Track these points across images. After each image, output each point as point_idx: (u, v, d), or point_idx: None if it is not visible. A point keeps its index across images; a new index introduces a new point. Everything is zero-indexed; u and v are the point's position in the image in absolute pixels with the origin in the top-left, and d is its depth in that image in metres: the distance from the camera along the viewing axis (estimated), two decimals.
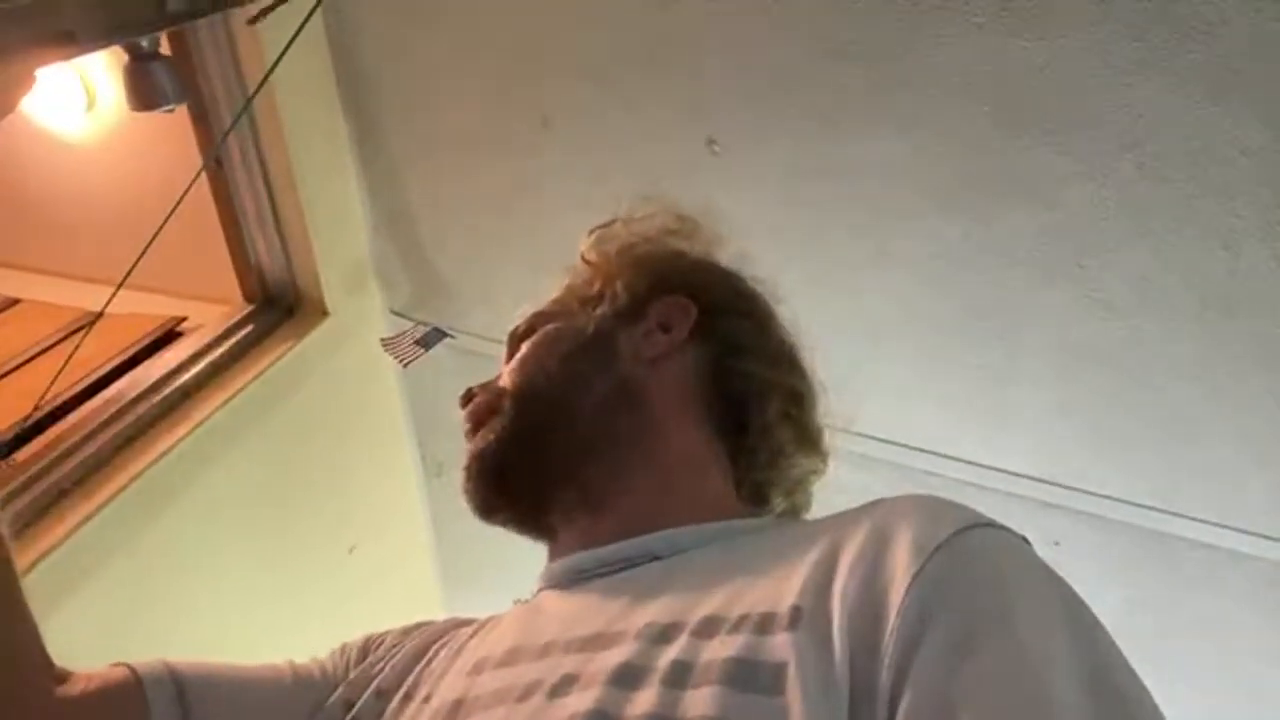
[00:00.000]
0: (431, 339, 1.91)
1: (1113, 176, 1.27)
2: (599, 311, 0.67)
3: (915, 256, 1.47)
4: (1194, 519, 1.49)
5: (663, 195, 0.75)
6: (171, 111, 0.99)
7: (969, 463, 1.61)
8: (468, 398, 0.67)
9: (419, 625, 0.65)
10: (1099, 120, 1.24)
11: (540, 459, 0.63)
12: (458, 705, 0.52)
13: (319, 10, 1.56)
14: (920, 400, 1.60)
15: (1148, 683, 0.40)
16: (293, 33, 1.46)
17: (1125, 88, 1.20)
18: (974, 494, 1.64)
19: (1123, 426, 1.47)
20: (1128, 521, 1.54)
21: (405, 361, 1.90)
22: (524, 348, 0.67)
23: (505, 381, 0.66)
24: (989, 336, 1.49)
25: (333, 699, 0.60)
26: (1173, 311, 1.34)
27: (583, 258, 0.72)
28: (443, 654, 0.60)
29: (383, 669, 0.61)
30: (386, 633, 0.65)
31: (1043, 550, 0.44)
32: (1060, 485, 1.56)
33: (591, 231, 0.74)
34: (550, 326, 0.68)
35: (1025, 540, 0.47)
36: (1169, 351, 1.37)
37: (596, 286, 0.69)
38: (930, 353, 1.55)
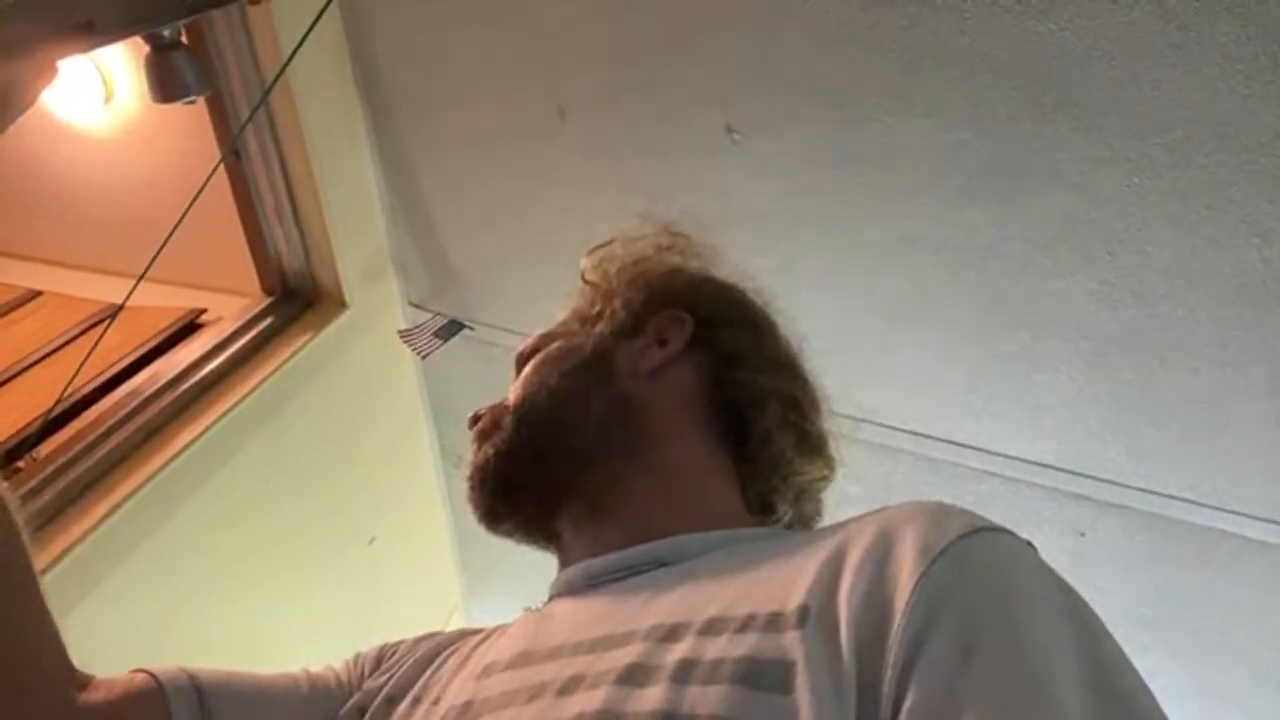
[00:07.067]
0: (449, 330, 1.91)
1: (1142, 161, 1.25)
2: (598, 329, 0.69)
3: (938, 243, 1.45)
4: (1222, 509, 1.47)
5: (661, 213, 0.76)
6: (193, 103, 0.99)
7: (993, 453, 1.60)
8: (475, 418, 0.70)
9: (430, 634, 0.67)
10: (1129, 104, 1.22)
11: (540, 471, 0.65)
12: (466, 707, 0.53)
13: (334, 2, 1.56)
14: (943, 389, 1.58)
15: (1176, 672, 0.40)
16: (308, 24, 1.45)
17: (1156, 70, 1.18)
18: (998, 484, 1.62)
19: (1150, 415, 1.45)
20: (1155, 511, 1.52)
21: (423, 353, 1.90)
22: (527, 367, 0.70)
23: (509, 399, 0.69)
24: (1013, 324, 1.47)
25: (347, 706, 0.61)
26: (1202, 298, 1.31)
27: (583, 278, 0.75)
28: (452, 660, 0.61)
29: (393, 675, 0.62)
30: (400, 642, 0.66)
31: (1069, 540, 0.44)
32: (1086, 475, 1.54)
33: (590, 252, 0.76)
34: (552, 345, 0.70)
35: (1030, 545, 0.47)
36: (1197, 339, 1.35)
37: (597, 306, 0.71)
38: (953, 341, 1.53)
